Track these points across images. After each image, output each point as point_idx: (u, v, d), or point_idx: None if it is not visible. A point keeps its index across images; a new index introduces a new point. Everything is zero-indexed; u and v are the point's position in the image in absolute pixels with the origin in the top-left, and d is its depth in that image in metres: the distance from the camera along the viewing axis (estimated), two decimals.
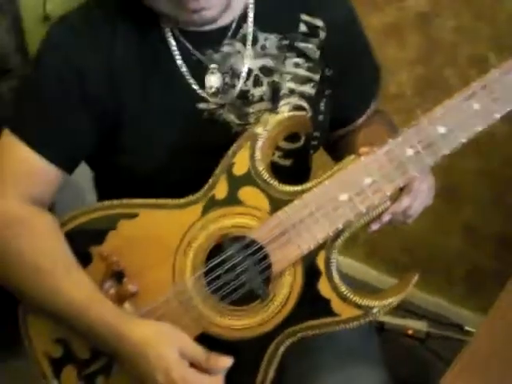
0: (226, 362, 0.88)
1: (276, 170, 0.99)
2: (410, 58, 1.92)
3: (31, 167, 0.95)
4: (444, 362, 1.86)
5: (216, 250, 0.94)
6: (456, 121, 0.88)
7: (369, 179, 0.91)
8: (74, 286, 0.91)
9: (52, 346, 0.98)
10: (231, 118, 1.00)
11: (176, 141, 0.99)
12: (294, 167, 1.05)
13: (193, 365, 0.89)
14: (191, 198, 0.96)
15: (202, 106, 0.99)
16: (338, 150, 1.16)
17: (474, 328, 1.92)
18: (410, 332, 2.03)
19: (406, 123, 0.90)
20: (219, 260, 0.94)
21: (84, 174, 1.12)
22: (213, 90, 0.98)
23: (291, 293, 0.94)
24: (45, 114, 0.95)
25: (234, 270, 0.94)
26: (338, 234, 0.93)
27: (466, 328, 2.03)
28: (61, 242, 0.95)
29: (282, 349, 0.95)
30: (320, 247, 0.93)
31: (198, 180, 0.95)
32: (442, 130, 0.88)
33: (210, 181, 0.95)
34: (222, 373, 0.89)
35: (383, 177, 0.91)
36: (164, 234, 0.95)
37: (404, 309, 2.05)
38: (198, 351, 0.89)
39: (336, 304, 0.93)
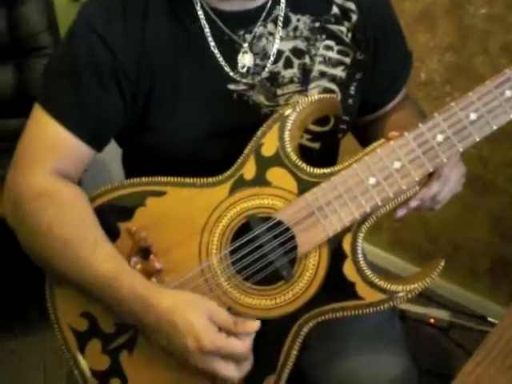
0: (254, 325, 0.88)
1: (304, 152, 0.99)
2: (441, 45, 1.91)
3: (60, 142, 0.95)
4: (466, 352, 1.86)
5: (242, 229, 0.94)
6: (487, 107, 0.88)
7: (398, 163, 0.91)
8: (103, 258, 0.91)
9: (78, 320, 0.99)
10: (261, 99, 1.00)
11: (205, 121, 0.99)
12: (321, 150, 1.05)
13: (221, 330, 0.89)
14: (219, 177, 0.96)
15: (232, 86, 0.99)
16: (367, 136, 1.16)
17: (498, 320, 1.90)
18: (431, 321, 2.02)
19: (436, 110, 0.90)
20: (245, 240, 0.94)
21: (112, 152, 1.12)
22: (245, 69, 0.98)
23: (316, 275, 0.94)
24: (75, 89, 0.95)
25: (259, 251, 0.94)
26: (364, 218, 0.93)
27: (490, 319, 2.02)
28: (89, 214, 0.95)
29: (305, 330, 0.95)
30: (346, 230, 0.93)
31: (226, 161, 0.96)
32: (473, 116, 0.89)
33: (239, 161, 0.96)
34: (250, 337, 0.89)
35: (412, 161, 0.91)
36: (191, 212, 0.96)
37: (427, 297, 2.04)
38: (226, 316, 0.89)
39: (360, 287, 0.94)
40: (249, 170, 0.95)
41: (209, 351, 0.85)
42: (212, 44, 0.97)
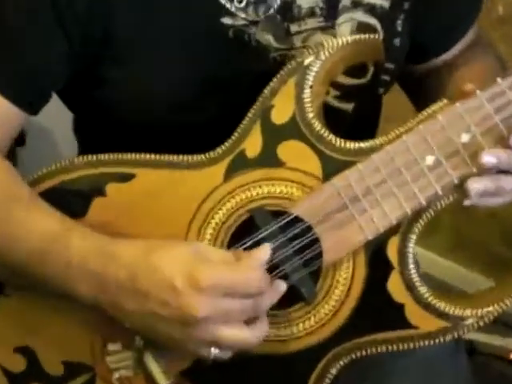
0: (265, 250, 0.90)
1: (331, 117, 0.99)
2: None
3: None
4: None
5: (244, 229, 0.95)
6: None
7: (466, 136, 0.90)
8: (41, 215, 0.93)
9: (11, 357, 1.00)
10: (267, 39, 1.00)
11: (187, 71, 0.99)
12: (356, 114, 1.06)
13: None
14: (210, 154, 0.96)
15: (227, 20, 0.98)
16: (422, 94, 1.17)
17: None
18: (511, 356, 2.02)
19: None
20: (248, 244, 0.94)
21: (59, 118, 1.16)
22: (244, 1, 0.97)
23: (349, 294, 0.95)
24: (3, 38, 0.96)
25: (268, 260, 0.93)
26: (418, 214, 0.94)
27: None
28: (16, 184, 0.96)
29: (333, 370, 0.96)
30: (392, 231, 0.94)
31: (219, 130, 0.96)
32: None
33: (238, 131, 0.96)
34: (262, 269, 0.89)
35: (487, 133, 0.90)
36: (170, 204, 0.97)
37: (504, 324, 2.02)
38: (220, 250, 0.92)
39: (412, 311, 0.94)
40: (252, 145, 0.95)
41: (208, 288, 0.84)
42: None
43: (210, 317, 0.84)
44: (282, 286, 0.89)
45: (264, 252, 0.89)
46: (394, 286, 0.95)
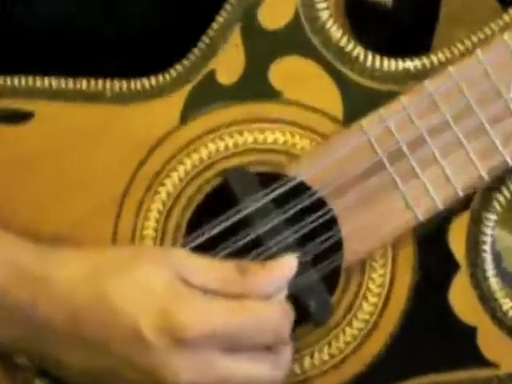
0: (290, 263, 0.88)
1: (359, 17, 0.98)
2: None
3: None
4: None
5: (214, 204, 0.93)
6: None
7: None
8: None
9: None
10: None
11: None
12: (398, 10, 1.02)
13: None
14: (158, 80, 0.93)
15: None
16: None
17: None
18: None
19: None
20: (224, 226, 0.92)
21: None
22: None
23: (385, 309, 0.92)
24: None
25: (254, 254, 0.91)
26: (500, 180, 0.90)
27: None
28: None
29: None
30: (457, 209, 0.91)
31: (166, 41, 0.97)
32: None
33: (204, 42, 0.92)
34: (283, 292, 0.88)
35: None
36: (94, 160, 0.94)
37: None
38: (214, 269, 0.89)
39: (488, 339, 0.91)
40: (228, 64, 0.92)
41: (196, 341, 0.83)
42: None
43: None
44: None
45: (288, 266, 0.88)
46: (460, 296, 0.91)
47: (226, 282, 0.87)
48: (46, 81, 0.94)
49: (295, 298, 0.91)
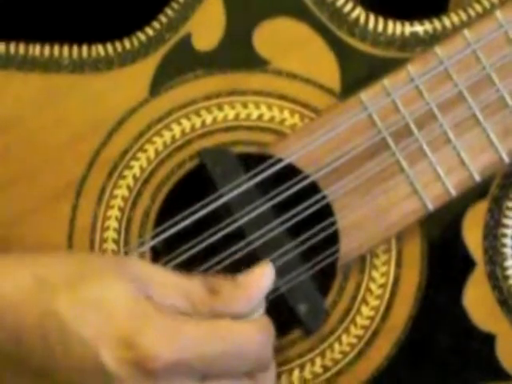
0: (266, 271, 0.78)
1: None
2: None
3: None
4: None
5: (189, 189, 0.84)
6: None
7: None
8: None
9: None
10: None
11: None
12: None
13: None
14: (122, 44, 0.84)
15: None
16: None
17: None
18: None
19: None
20: (199, 216, 0.83)
21: None
22: None
23: (389, 314, 0.83)
24: None
25: (235, 247, 0.82)
26: None
27: None
28: None
29: None
30: (473, 197, 0.83)
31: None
32: None
33: (176, 1, 0.85)
34: (261, 308, 0.79)
35: None
36: (50, 139, 0.84)
37: None
38: (179, 283, 0.79)
39: (509, 347, 0.83)
40: (206, 27, 0.84)
41: (166, 372, 0.74)
42: None
43: None
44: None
45: (264, 276, 0.79)
46: (477, 299, 0.82)
47: (195, 303, 0.78)
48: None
49: (283, 300, 0.81)
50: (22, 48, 0.84)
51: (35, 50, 0.84)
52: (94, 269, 0.78)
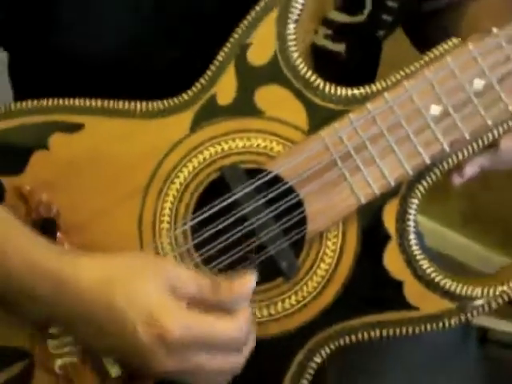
0: (249, 281, 0.87)
1: (321, 60, 1.01)
2: None
3: None
4: None
5: (214, 190, 0.96)
6: None
7: (480, 82, 0.91)
8: None
9: None
10: None
11: (144, 2, 1.00)
12: (350, 56, 1.06)
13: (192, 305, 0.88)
14: (174, 101, 0.97)
15: None
16: (429, 35, 1.18)
17: None
18: None
19: None
20: (218, 207, 0.96)
21: None
22: None
23: (337, 268, 0.97)
24: None
25: (241, 227, 0.96)
26: (421, 174, 0.96)
27: None
28: None
29: (317, 359, 0.98)
30: (390, 195, 0.96)
31: (183, 74, 0.97)
32: None
33: (208, 74, 0.96)
34: (245, 303, 0.88)
35: (505, 79, 0.91)
36: (126, 159, 0.97)
37: None
38: (200, 281, 0.89)
39: (412, 289, 0.96)
40: (225, 90, 0.96)
41: (176, 343, 0.84)
42: None
43: (181, 371, 0.87)
44: (250, 282, 0.88)
45: (249, 282, 0.88)
46: (392, 259, 0.97)
47: (204, 295, 0.88)
48: (93, 102, 0.97)
49: (271, 259, 0.95)
50: (111, 102, 0.97)
51: (119, 104, 0.97)
52: (138, 268, 0.89)
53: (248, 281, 0.88)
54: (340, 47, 1.06)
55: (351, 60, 1.08)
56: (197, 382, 0.90)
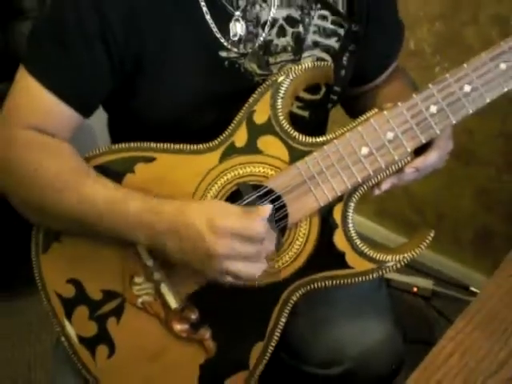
0: (267, 208, 0.85)
1: (294, 120, 0.98)
2: (432, 14, 1.88)
3: (46, 106, 0.92)
4: (448, 320, 1.86)
5: (233, 197, 0.94)
6: (482, 80, 0.87)
7: (391, 134, 0.90)
8: (102, 184, 0.91)
9: (64, 286, 0.98)
10: (253, 67, 0.98)
11: (196, 89, 0.96)
12: (311, 119, 1.04)
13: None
14: (209, 144, 0.95)
15: (223, 54, 0.95)
16: (358, 108, 1.14)
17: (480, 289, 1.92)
18: (415, 290, 2.04)
19: (424, 81, 0.89)
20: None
21: (97, 116, 1.09)
22: (237, 37, 0.95)
23: (306, 244, 0.95)
24: (62, 53, 0.91)
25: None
26: (355, 188, 0.93)
27: (472, 289, 2.03)
28: (79, 159, 0.95)
29: (294, 298, 0.96)
30: (337, 200, 0.93)
31: (216, 128, 0.95)
32: (467, 88, 0.88)
33: (230, 128, 0.94)
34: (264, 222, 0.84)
35: (405, 132, 0.90)
36: (180, 179, 0.94)
37: (411, 267, 2.05)
38: (234, 206, 0.87)
39: (350, 257, 0.94)
40: (240, 138, 0.94)
41: (224, 232, 0.83)
42: (204, 9, 0.93)
43: (224, 254, 0.83)
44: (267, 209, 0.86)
45: (266, 208, 0.85)
46: (339, 239, 0.95)
47: (231, 228, 0.84)
48: (161, 144, 0.95)
49: None
50: (172, 144, 0.95)
51: (176, 145, 0.95)
52: (205, 205, 0.89)
53: (266, 208, 0.85)
54: (305, 113, 1.05)
55: (312, 121, 1.06)
56: (237, 262, 0.85)
